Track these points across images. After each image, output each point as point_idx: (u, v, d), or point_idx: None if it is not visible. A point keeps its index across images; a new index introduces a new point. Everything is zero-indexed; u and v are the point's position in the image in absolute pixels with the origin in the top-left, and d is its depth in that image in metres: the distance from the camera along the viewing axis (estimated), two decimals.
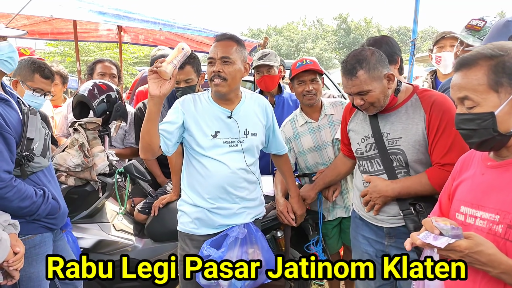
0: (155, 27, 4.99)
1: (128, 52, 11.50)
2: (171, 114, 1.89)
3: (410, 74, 3.92)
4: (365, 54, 1.67)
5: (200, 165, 1.88)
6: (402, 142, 1.72)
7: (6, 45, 1.71)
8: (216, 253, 1.81)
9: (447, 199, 1.35)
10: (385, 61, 1.70)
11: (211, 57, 1.84)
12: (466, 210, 1.21)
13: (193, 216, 1.91)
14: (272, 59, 2.81)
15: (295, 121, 2.46)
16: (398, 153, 1.74)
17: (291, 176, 2.25)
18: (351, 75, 1.67)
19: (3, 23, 1.82)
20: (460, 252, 1.04)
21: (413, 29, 3.90)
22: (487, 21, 1.99)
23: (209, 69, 1.84)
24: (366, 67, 1.64)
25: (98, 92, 2.49)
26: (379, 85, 1.66)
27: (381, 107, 1.73)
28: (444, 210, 1.36)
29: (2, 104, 1.65)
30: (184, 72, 2.47)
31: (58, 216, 1.84)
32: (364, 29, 42.50)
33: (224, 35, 1.89)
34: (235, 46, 1.85)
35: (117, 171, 2.37)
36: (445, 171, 1.62)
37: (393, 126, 1.75)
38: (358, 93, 1.68)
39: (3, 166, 1.58)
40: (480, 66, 1.14)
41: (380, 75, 1.66)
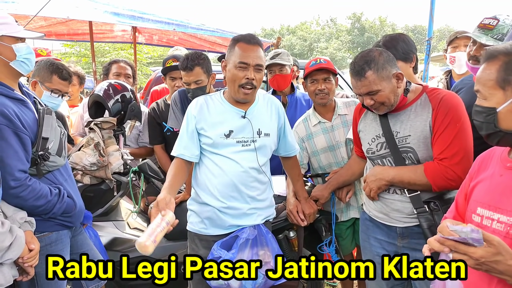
0: (169, 27, 5.04)
1: (143, 52, 11.63)
2: (184, 130, 1.91)
3: (426, 73, 3.86)
4: (373, 55, 1.68)
5: (211, 163, 1.89)
6: (411, 140, 1.72)
7: (24, 47, 1.74)
8: (226, 255, 1.81)
9: (463, 199, 1.33)
10: (393, 60, 1.70)
11: (245, 62, 1.78)
12: (483, 212, 1.19)
13: (203, 215, 1.91)
14: (284, 58, 2.81)
15: (308, 121, 2.45)
16: (409, 151, 1.73)
17: (299, 180, 2.24)
18: (359, 76, 1.67)
19: (22, 24, 1.86)
20: (475, 260, 1.01)
21: (428, 28, 3.85)
22: (500, 19, 1.95)
23: (241, 74, 1.79)
24: (374, 68, 1.65)
25: (113, 92, 2.52)
26: (388, 84, 1.67)
27: (392, 106, 1.72)
28: (460, 210, 1.34)
29: (18, 104, 1.68)
30: (194, 74, 2.47)
31: (74, 214, 1.87)
32: (378, 28, 42.09)
33: (253, 38, 1.85)
34: (262, 51, 1.86)
35: (131, 170, 2.40)
36: (442, 165, 1.63)
37: (403, 125, 1.75)
38: (368, 93, 1.68)
39: (18, 165, 1.61)
40: (497, 60, 1.15)
41: (389, 74, 1.66)
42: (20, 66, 1.74)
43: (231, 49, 1.84)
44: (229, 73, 1.83)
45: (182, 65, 2.49)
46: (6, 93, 1.66)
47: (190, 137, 1.89)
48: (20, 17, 4.51)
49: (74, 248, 1.98)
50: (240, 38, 1.84)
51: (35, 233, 1.70)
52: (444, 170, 1.63)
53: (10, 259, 1.43)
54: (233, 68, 1.80)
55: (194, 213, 1.96)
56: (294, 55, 32.07)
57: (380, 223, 1.88)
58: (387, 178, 1.76)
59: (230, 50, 1.84)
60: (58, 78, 2.27)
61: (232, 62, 1.81)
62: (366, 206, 1.98)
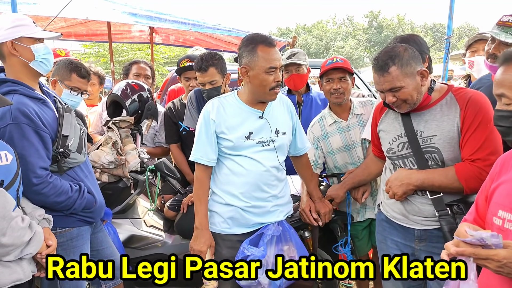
0: (185, 27, 5.08)
1: (159, 52, 11.75)
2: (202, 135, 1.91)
3: (445, 72, 3.79)
4: (398, 50, 1.64)
5: (234, 164, 1.90)
6: (437, 140, 1.68)
7: (42, 47, 1.78)
8: (258, 252, 1.82)
9: (484, 201, 1.30)
10: (418, 57, 1.66)
11: (275, 66, 1.81)
12: (505, 214, 1.16)
13: (226, 215, 1.92)
14: (300, 58, 2.80)
15: (323, 120, 2.44)
16: (433, 152, 1.69)
17: (312, 180, 2.24)
18: (383, 71, 1.64)
19: (42, 26, 1.91)
20: (497, 262, 1.00)
21: (448, 26, 3.78)
22: None
23: (271, 78, 1.81)
24: (398, 63, 1.61)
25: (130, 91, 2.56)
26: (412, 81, 1.63)
27: (414, 105, 1.68)
28: (481, 212, 1.31)
29: (38, 103, 1.73)
30: (208, 74, 2.47)
31: (95, 210, 1.91)
32: (396, 27, 41.48)
33: (271, 39, 1.87)
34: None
35: (148, 169, 2.44)
36: (475, 166, 1.58)
37: (427, 124, 1.71)
38: (390, 89, 1.65)
39: (39, 163, 1.66)
40: None
41: (413, 71, 1.63)
42: (39, 66, 1.78)
43: (252, 54, 1.81)
44: (256, 79, 1.82)
45: (197, 66, 2.50)
46: (26, 92, 1.71)
47: (208, 142, 1.89)
48: (41, 18, 4.62)
49: (94, 245, 2.02)
50: (258, 40, 1.83)
51: (56, 229, 1.75)
52: (477, 172, 1.58)
53: (29, 254, 1.47)
54: (262, 74, 1.81)
55: (216, 213, 1.96)
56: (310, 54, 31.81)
57: (397, 224, 1.84)
58: (415, 183, 1.69)
59: (252, 55, 1.81)
60: (77, 76, 2.32)
61: (260, 68, 1.80)
62: (384, 206, 1.94)
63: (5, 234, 1.35)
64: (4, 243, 1.36)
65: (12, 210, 1.40)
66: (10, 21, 1.71)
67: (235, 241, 1.91)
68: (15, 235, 1.39)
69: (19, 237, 1.40)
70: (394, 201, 1.83)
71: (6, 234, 1.36)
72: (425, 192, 1.72)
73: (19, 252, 1.43)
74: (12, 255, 1.40)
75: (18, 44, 1.72)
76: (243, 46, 1.86)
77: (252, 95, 1.90)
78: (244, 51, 1.84)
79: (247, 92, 1.92)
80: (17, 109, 1.63)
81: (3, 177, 1.40)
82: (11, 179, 1.44)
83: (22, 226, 1.42)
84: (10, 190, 1.43)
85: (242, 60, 1.85)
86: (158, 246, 2.52)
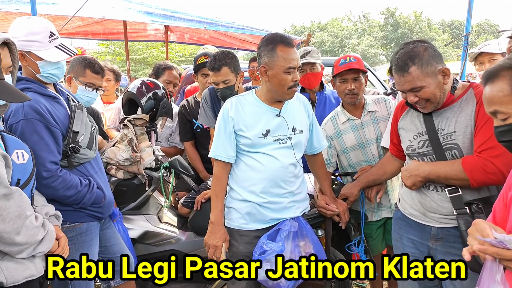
0: (200, 26, 5.11)
1: (174, 51, 11.86)
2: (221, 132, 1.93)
3: (463, 70, 3.72)
4: (417, 50, 1.62)
5: (252, 160, 1.92)
6: (457, 136, 1.66)
7: (48, 64, 1.81)
8: (277, 246, 1.84)
9: (503, 207, 1.26)
10: (439, 56, 1.64)
11: (293, 67, 1.84)
12: None
13: (243, 211, 1.94)
14: (314, 56, 2.78)
15: (336, 118, 2.42)
16: (454, 148, 1.67)
17: (327, 179, 2.24)
18: (402, 72, 1.62)
19: (60, 25, 1.94)
20: None
21: (466, 22, 3.71)
22: None
23: (289, 77, 1.84)
24: (418, 63, 1.60)
25: (146, 89, 2.59)
26: (434, 80, 1.61)
27: (438, 104, 1.67)
28: (499, 220, 1.27)
29: (50, 100, 1.80)
30: (221, 74, 2.49)
31: (104, 205, 1.95)
32: (413, 24, 40.80)
33: (290, 39, 1.89)
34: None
35: (162, 166, 2.46)
36: (481, 158, 1.56)
37: (448, 122, 1.69)
38: (411, 89, 1.64)
39: (50, 157, 1.72)
40: (502, 77, 1.12)
41: (434, 70, 1.61)
42: (45, 79, 1.84)
43: (272, 53, 1.84)
44: (275, 78, 1.85)
45: (210, 66, 2.52)
46: (39, 90, 1.78)
47: (228, 139, 1.92)
48: (59, 18, 4.71)
49: (102, 241, 2.06)
50: (278, 40, 1.85)
51: (66, 223, 1.79)
52: (482, 163, 1.55)
53: (42, 252, 1.49)
54: (282, 73, 1.84)
55: (233, 209, 1.98)
56: (325, 52, 31.62)
57: (414, 222, 1.83)
58: (423, 174, 1.70)
59: (271, 55, 1.84)
60: (91, 72, 2.36)
61: (279, 67, 1.83)
62: (402, 203, 1.93)
63: (20, 233, 1.37)
64: (18, 241, 1.37)
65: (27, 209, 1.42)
66: (24, 34, 1.77)
67: (253, 236, 1.93)
68: (29, 234, 1.41)
69: (33, 236, 1.42)
70: (412, 197, 1.82)
71: (20, 233, 1.37)
72: (443, 189, 1.70)
73: (32, 250, 1.44)
74: (25, 252, 1.42)
75: (27, 57, 1.79)
76: (262, 45, 1.89)
77: (270, 94, 1.92)
78: (264, 50, 1.87)
79: (265, 91, 1.94)
80: (29, 106, 1.69)
81: (20, 176, 1.43)
82: (27, 178, 1.47)
83: (36, 225, 1.44)
84: (25, 189, 1.45)
85: (262, 60, 1.87)
86: (172, 243, 2.55)
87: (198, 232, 2.58)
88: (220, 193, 1.97)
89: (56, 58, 1.83)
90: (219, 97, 2.60)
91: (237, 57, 2.65)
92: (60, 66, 1.87)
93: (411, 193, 1.84)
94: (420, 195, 1.79)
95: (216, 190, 1.97)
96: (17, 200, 1.36)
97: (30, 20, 1.83)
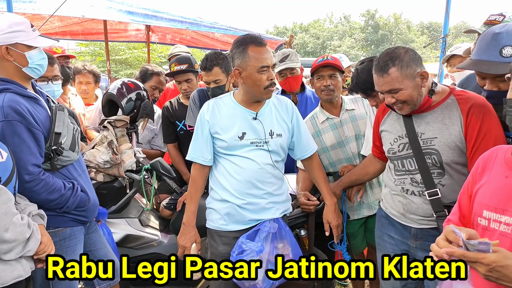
0: (182, 26, 5.07)
1: (156, 52, 11.73)
2: (199, 135, 1.95)
3: (441, 71, 3.81)
4: (399, 52, 1.65)
5: (228, 163, 1.92)
6: (437, 142, 1.69)
7: (36, 54, 1.78)
8: (256, 246, 1.83)
9: (467, 200, 1.30)
10: (419, 59, 1.67)
11: (266, 65, 1.82)
12: (490, 214, 1.16)
13: (223, 212, 1.94)
14: (293, 59, 2.80)
15: (315, 118, 2.45)
16: (433, 153, 1.70)
17: (326, 183, 2.13)
18: (382, 72, 1.65)
19: (38, 25, 1.89)
20: (486, 266, 0.99)
21: (444, 25, 3.80)
22: (506, 15, 2.01)
23: (264, 77, 1.82)
24: (398, 65, 1.62)
25: (126, 91, 2.55)
26: (411, 83, 1.63)
27: (415, 106, 1.69)
28: (464, 211, 1.31)
29: (31, 101, 1.74)
30: (213, 74, 2.52)
31: (88, 208, 1.90)
32: (393, 26, 41.56)
33: (261, 39, 1.89)
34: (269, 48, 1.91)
35: (143, 168, 2.43)
36: None
37: (428, 126, 1.72)
38: (389, 91, 1.66)
39: (32, 160, 1.66)
40: None
41: (413, 73, 1.63)
42: (32, 72, 1.79)
43: (244, 54, 1.82)
44: (249, 79, 1.84)
45: (202, 65, 2.57)
46: (19, 91, 1.71)
47: (204, 142, 1.94)
48: (37, 17, 4.59)
49: (88, 246, 2.01)
50: (248, 41, 1.85)
51: (49, 229, 1.74)
52: None
53: (29, 251, 1.49)
54: (255, 73, 1.82)
55: (213, 210, 1.98)
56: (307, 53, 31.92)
57: (395, 221, 1.87)
58: None
59: (243, 56, 1.83)
60: None
61: (252, 67, 1.82)
62: (384, 203, 1.97)
63: (8, 230, 1.38)
64: (7, 238, 1.38)
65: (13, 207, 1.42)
66: (7, 25, 1.70)
67: (232, 237, 1.92)
68: (17, 231, 1.41)
69: (21, 233, 1.43)
70: (393, 199, 1.86)
71: (8, 230, 1.38)
72: (422, 192, 1.74)
73: (21, 249, 1.45)
74: (14, 252, 1.43)
75: (13, 50, 1.72)
76: (234, 48, 1.88)
77: (247, 95, 1.92)
78: (236, 52, 1.86)
79: (242, 93, 1.93)
80: (9, 107, 1.63)
81: (0, 175, 1.42)
82: (8, 176, 1.45)
83: (23, 222, 1.45)
84: (8, 187, 1.44)
85: (235, 62, 1.86)
86: (154, 246, 2.52)
87: None
88: (194, 195, 1.98)
89: (45, 43, 1.80)
90: (210, 96, 2.60)
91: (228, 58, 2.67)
92: (45, 57, 1.83)
93: (392, 195, 1.87)
94: (400, 197, 1.82)
95: (191, 192, 1.99)
96: (3, 197, 1.35)
97: (7, 14, 1.79)
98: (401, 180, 1.82)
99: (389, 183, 1.91)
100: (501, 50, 1.53)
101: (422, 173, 1.72)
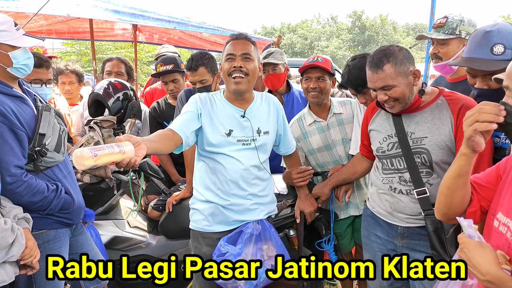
0: (170, 25, 5.03)
1: (144, 51, 11.63)
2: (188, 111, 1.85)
3: (427, 71, 3.86)
4: (393, 49, 1.68)
5: (212, 162, 1.90)
6: (427, 142, 1.71)
7: (21, 54, 1.74)
8: (234, 250, 1.82)
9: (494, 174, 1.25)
10: (412, 58, 1.70)
11: (231, 53, 1.84)
12: (502, 217, 1.14)
13: (206, 212, 1.92)
14: (277, 57, 2.79)
15: (302, 120, 2.45)
16: (423, 153, 1.72)
17: None
18: (377, 68, 1.66)
19: (22, 24, 1.85)
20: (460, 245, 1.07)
21: (429, 26, 3.84)
22: (449, 17, 2.17)
23: (228, 65, 1.84)
24: (393, 61, 1.64)
25: (113, 90, 2.52)
26: (404, 80, 1.65)
27: (406, 104, 1.71)
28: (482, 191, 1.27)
29: (16, 101, 1.70)
30: (198, 74, 2.53)
31: (72, 211, 1.87)
32: (379, 27, 42.02)
33: (240, 34, 1.93)
34: (252, 46, 1.90)
35: (131, 169, 2.40)
36: None
37: (418, 126, 1.74)
38: (383, 87, 1.67)
39: (14, 161, 1.62)
40: None
41: (407, 71, 1.66)
42: (17, 72, 1.75)
43: (223, 50, 1.91)
44: (221, 71, 1.90)
45: (187, 66, 2.57)
46: (4, 90, 1.67)
47: (190, 118, 1.81)
48: (21, 16, 4.50)
49: (75, 248, 1.98)
50: (230, 39, 1.91)
51: (33, 231, 1.70)
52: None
53: (13, 256, 1.45)
54: (224, 63, 1.88)
55: (197, 211, 1.97)
56: (295, 54, 31.98)
57: (382, 220, 1.88)
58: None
59: (222, 52, 1.92)
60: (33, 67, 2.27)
61: (223, 58, 1.89)
62: (370, 202, 1.98)
63: None
64: None
65: None
66: None
67: (215, 239, 1.91)
68: (0, 236, 1.37)
69: (4, 238, 1.39)
70: (380, 198, 1.87)
71: None
72: (410, 191, 1.75)
73: (4, 254, 1.40)
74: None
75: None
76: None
77: (227, 90, 1.94)
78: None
79: (227, 90, 1.95)
80: None
81: None
82: None
83: (6, 227, 1.40)
84: None
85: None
86: (142, 247, 2.49)
87: (169, 235, 2.54)
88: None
89: (30, 43, 1.76)
90: None
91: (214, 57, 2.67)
92: (31, 57, 1.79)
93: (380, 193, 1.89)
94: (388, 196, 1.84)
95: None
96: None
97: None
98: (389, 178, 1.84)
99: (376, 182, 1.93)
100: (491, 48, 1.56)
101: (411, 172, 1.74)
